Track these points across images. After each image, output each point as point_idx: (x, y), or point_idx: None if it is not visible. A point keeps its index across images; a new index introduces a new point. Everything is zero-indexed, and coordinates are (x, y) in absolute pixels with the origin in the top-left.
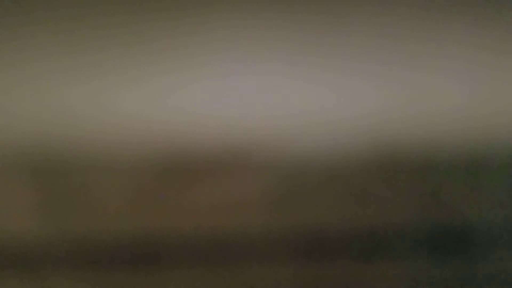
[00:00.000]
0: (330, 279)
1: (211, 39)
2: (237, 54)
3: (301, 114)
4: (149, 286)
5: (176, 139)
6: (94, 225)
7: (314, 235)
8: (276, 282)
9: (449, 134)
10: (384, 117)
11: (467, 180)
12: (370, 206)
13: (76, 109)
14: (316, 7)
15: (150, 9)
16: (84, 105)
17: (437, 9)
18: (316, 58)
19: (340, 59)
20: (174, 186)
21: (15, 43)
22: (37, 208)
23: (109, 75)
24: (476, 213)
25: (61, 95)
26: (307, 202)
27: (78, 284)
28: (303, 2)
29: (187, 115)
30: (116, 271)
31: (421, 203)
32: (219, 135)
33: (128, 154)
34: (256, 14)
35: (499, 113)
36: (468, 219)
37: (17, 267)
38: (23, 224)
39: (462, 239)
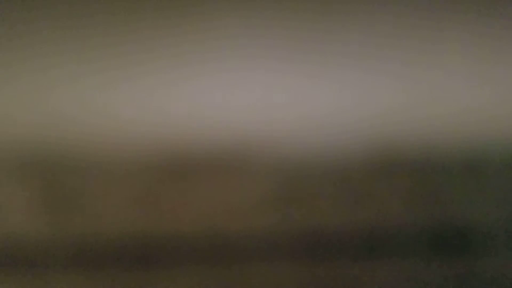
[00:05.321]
0: (330, 279)
1: (211, 39)
2: (237, 54)
3: (301, 114)
4: (150, 286)
5: (175, 140)
6: (94, 226)
7: (314, 236)
8: (276, 282)
9: (449, 135)
10: (384, 117)
11: (467, 180)
12: (370, 207)
13: (76, 110)
14: (318, 7)
15: (147, 8)
16: (84, 105)
17: (441, 9)
18: (316, 59)
19: (339, 60)
20: (173, 187)
21: (11, 43)
22: (37, 209)
23: (108, 76)
24: (476, 213)
25: (62, 95)
26: (307, 203)
27: (78, 284)
28: (305, 0)
29: (186, 116)
30: (116, 271)
31: (421, 203)
32: (219, 135)
33: (128, 155)
34: (258, 13)
35: (499, 114)
36: (468, 219)
37: (17, 267)
38: (23, 224)
39: (462, 239)
